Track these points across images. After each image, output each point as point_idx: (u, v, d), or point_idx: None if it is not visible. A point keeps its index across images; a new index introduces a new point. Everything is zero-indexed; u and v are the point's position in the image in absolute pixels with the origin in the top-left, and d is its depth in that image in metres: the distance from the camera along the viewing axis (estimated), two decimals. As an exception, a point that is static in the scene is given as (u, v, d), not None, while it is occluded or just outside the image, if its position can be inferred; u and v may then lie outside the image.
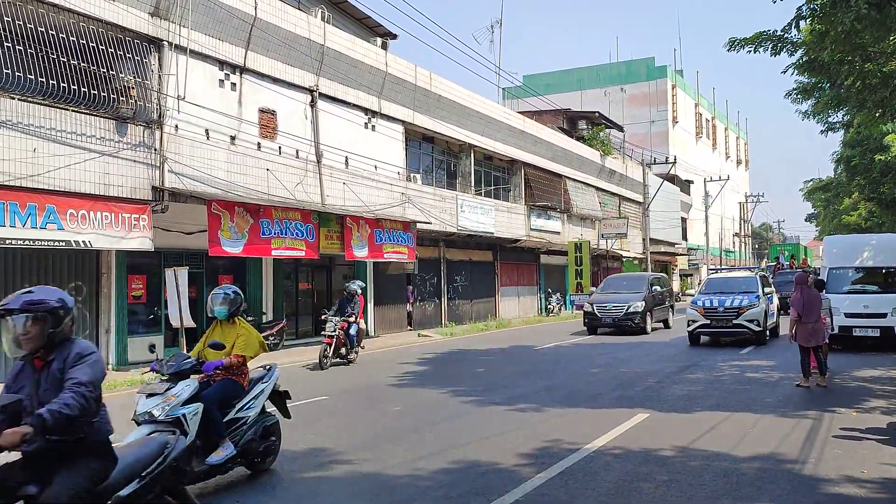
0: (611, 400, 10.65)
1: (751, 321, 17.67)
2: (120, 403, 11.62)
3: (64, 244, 13.61)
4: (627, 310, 21.98)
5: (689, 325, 18.43)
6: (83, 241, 13.89)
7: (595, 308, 22.79)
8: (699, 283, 23.68)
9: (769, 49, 12.72)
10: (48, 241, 13.33)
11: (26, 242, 13.02)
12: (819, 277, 13.92)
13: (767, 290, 19.38)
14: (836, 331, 15.16)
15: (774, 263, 42.09)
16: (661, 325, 24.27)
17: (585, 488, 6.20)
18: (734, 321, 17.72)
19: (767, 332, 18.44)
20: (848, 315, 16.05)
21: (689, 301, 19.84)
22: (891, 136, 23.75)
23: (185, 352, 7.51)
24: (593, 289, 26.07)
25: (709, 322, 18.02)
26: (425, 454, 7.49)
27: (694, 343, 18.37)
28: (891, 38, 10.24)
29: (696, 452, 7.34)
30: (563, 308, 36.59)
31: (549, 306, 35.97)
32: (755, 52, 12.82)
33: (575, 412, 9.74)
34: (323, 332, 15.81)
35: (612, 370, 14.15)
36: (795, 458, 7.04)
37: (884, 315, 15.92)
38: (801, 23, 11.29)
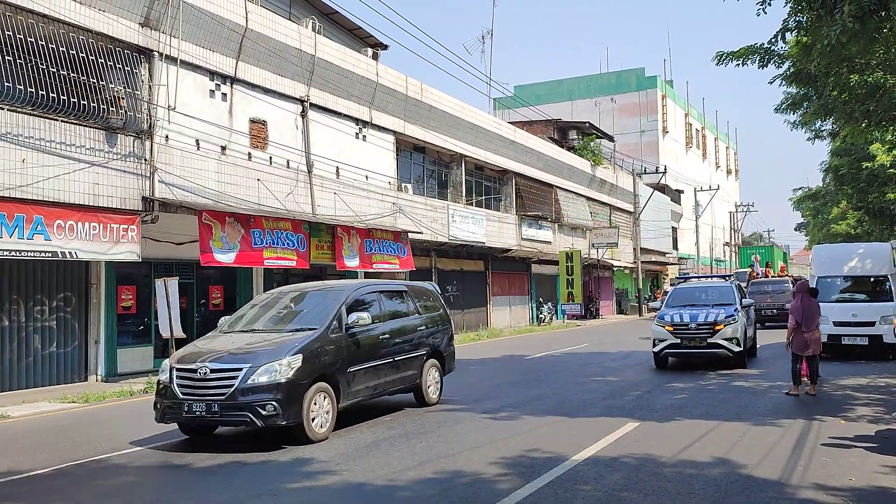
0: (601, 409, 10.65)
1: (729, 339, 14.73)
2: (108, 416, 11.55)
3: (50, 255, 13.57)
4: (245, 382, 8.33)
5: (654, 346, 15.47)
6: (69, 252, 13.85)
7: (176, 379, 8.62)
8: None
9: (756, 62, 12.85)
10: (34, 251, 13.29)
11: (13, 254, 12.98)
12: (812, 286, 14.00)
13: (746, 301, 16.70)
14: (825, 339, 15.25)
15: (749, 270, 38.45)
16: (408, 393, 11.25)
17: (575, 498, 6.20)
18: (709, 340, 14.78)
19: (745, 353, 15.53)
20: (837, 323, 16.14)
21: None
22: (876, 145, 23.94)
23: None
24: (225, 318, 10.72)
25: (678, 341, 15.02)
26: (414, 464, 7.48)
27: (661, 366, 15.52)
28: (876, 47, 10.36)
29: (685, 461, 7.36)
30: (555, 317, 36.63)
31: (540, 316, 35.99)
32: (743, 66, 12.96)
33: (565, 421, 9.74)
34: None
35: (602, 379, 14.16)
36: (784, 467, 7.07)
37: (872, 323, 16.01)
38: (787, 35, 11.41)
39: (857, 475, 6.70)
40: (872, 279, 17.16)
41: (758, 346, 18.93)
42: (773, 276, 35.60)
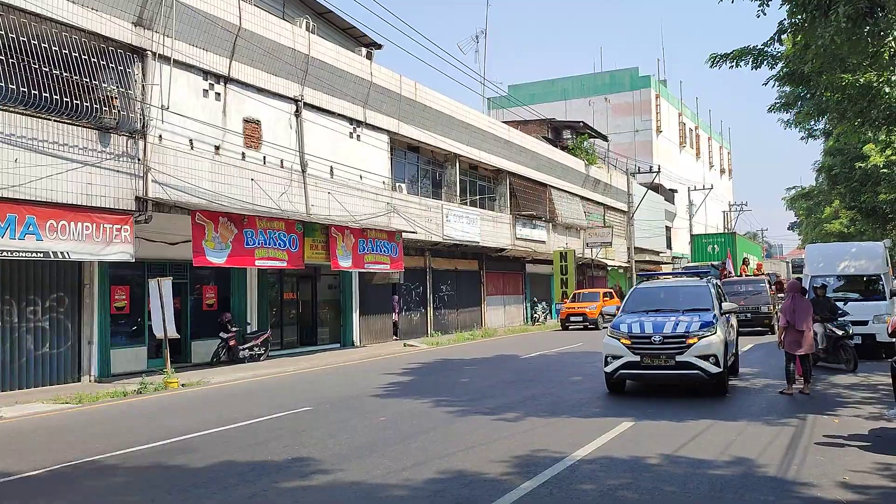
0: (596, 408, 10.66)
1: (705, 357, 11.06)
2: (101, 417, 11.51)
3: (41, 255, 13.52)
4: None
5: (606, 364, 11.76)
6: (61, 253, 13.79)
7: None
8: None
9: (749, 63, 12.92)
10: (26, 252, 13.23)
11: (4, 254, 12.92)
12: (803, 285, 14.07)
13: (727, 305, 12.85)
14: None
15: (719, 266, 32.54)
16: None
17: (570, 497, 6.20)
18: (679, 358, 11.09)
19: (727, 375, 11.74)
20: None
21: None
22: (869, 145, 24.03)
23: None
24: None
25: (638, 359, 11.33)
26: (410, 464, 7.47)
27: (615, 391, 12.04)
28: (866, 47, 10.41)
29: (680, 460, 7.37)
30: (549, 317, 36.67)
31: (534, 315, 36.03)
32: (736, 67, 13.02)
33: (560, 421, 9.75)
34: None
35: (596, 378, 14.15)
36: (778, 465, 7.08)
37: (865, 322, 16.06)
38: (783, 36, 11.47)
39: (851, 474, 6.72)
40: (865, 278, 17.24)
41: (746, 349, 18.95)
42: (747, 275, 31.68)
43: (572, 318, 30.32)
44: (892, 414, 9.26)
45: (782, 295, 19.45)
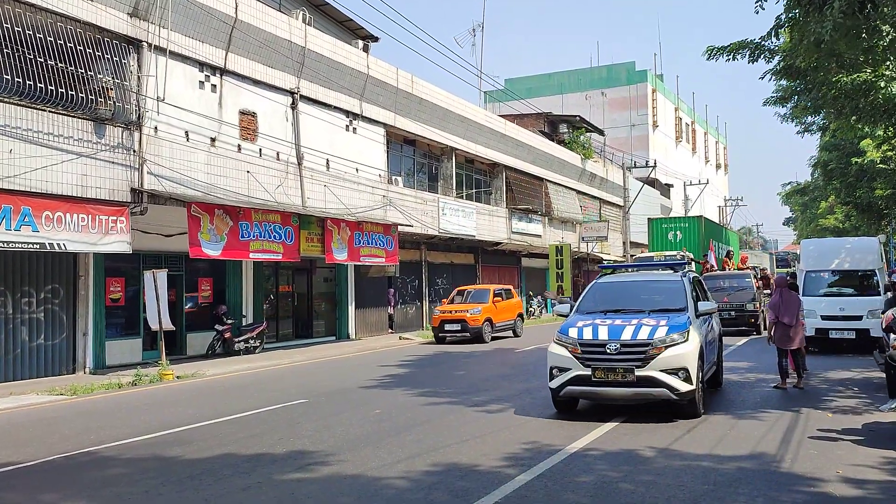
0: (590, 402, 10.67)
1: (672, 371, 8.89)
2: (96, 409, 11.50)
3: (38, 246, 13.48)
4: None
5: (551, 378, 9.50)
6: (58, 244, 13.76)
7: None
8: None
9: (746, 57, 12.92)
10: (22, 243, 13.19)
11: (0, 245, 12.87)
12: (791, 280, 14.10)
13: (705, 305, 10.41)
14: (812, 333, 15.37)
15: (701, 261, 26.04)
16: None
17: (565, 490, 6.22)
18: (640, 372, 8.88)
19: (701, 392, 9.38)
20: (824, 317, 16.25)
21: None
22: (866, 140, 24.08)
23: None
24: None
25: (589, 373, 9.07)
26: (405, 457, 7.48)
27: (564, 410, 9.71)
28: (861, 42, 10.41)
29: (675, 453, 7.40)
30: (545, 311, 36.71)
31: (530, 309, 36.05)
32: (733, 60, 13.03)
33: (555, 414, 9.76)
34: None
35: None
36: (772, 459, 7.11)
37: (859, 317, 16.11)
38: (780, 30, 11.46)
39: (844, 467, 6.75)
40: (860, 273, 17.27)
41: (739, 343, 18.83)
42: (737, 269, 27.63)
43: (447, 327, 22.19)
44: (886, 408, 9.31)
45: (768, 291, 19.31)
